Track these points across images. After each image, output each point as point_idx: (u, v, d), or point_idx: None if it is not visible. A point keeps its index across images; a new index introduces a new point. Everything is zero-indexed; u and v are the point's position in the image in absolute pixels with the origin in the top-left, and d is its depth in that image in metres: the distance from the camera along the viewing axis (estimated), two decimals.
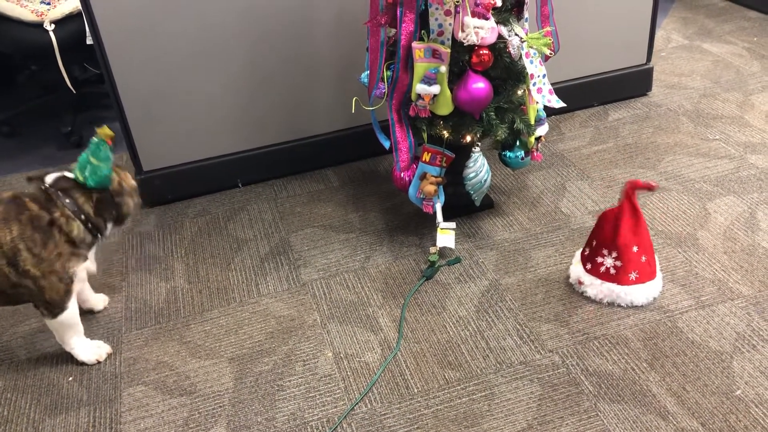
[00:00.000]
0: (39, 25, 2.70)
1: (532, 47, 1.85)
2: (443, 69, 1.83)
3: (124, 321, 1.98)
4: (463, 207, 2.22)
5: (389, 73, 1.94)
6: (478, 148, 2.13)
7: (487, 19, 1.76)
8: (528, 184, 2.38)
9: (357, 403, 1.66)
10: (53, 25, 2.70)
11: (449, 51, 1.81)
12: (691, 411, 1.56)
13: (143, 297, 2.07)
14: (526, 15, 1.89)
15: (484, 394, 1.65)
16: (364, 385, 1.71)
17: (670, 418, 1.55)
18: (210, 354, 1.84)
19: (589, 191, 2.32)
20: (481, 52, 1.81)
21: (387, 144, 2.08)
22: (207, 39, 2.25)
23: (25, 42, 2.75)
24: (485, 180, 2.15)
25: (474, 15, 1.75)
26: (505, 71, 1.91)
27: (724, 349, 1.70)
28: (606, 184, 2.34)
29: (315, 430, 1.62)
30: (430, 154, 2.01)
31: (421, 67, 1.84)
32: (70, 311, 1.76)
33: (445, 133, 1.97)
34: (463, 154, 2.08)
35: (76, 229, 1.70)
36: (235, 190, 2.52)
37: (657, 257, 1.93)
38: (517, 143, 2.08)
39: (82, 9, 2.14)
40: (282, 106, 2.44)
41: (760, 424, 1.52)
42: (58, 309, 1.74)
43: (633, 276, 1.83)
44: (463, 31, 1.76)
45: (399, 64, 1.87)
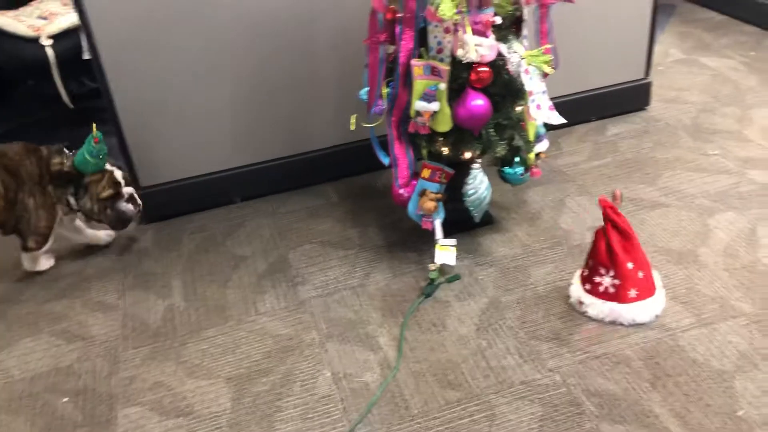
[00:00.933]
0: (36, 40, 2.69)
1: (531, 64, 1.84)
2: (442, 86, 1.82)
3: (121, 340, 1.96)
4: (463, 223, 2.21)
5: (388, 90, 1.94)
6: (477, 165, 2.13)
7: (486, 36, 1.75)
8: (527, 200, 2.38)
9: (356, 425, 1.64)
10: (50, 40, 2.70)
11: (448, 68, 1.80)
12: None
13: (140, 315, 2.05)
14: (525, 32, 1.89)
15: (484, 414, 1.64)
16: (363, 405, 1.69)
17: None
18: (207, 374, 1.82)
19: (589, 207, 2.31)
20: (480, 70, 1.80)
21: (386, 161, 2.08)
22: (205, 54, 2.24)
23: (22, 57, 2.74)
24: (485, 196, 2.14)
25: (474, 32, 1.74)
26: (505, 88, 1.90)
27: (726, 368, 1.69)
28: None
29: None
30: (429, 170, 2.00)
31: (420, 84, 1.84)
32: (48, 244, 2.18)
33: (445, 150, 1.96)
34: (462, 170, 2.08)
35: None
36: (233, 205, 2.50)
37: (657, 273, 1.92)
38: (517, 159, 2.07)
39: (79, 23, 2.13)
40: (281, 122, 2.44)
41: None
42: (44, 238, 2.15)
43: (633, 293, 1.81)
44: (462, 48, 1.76)
45: (398, 81, 1.87)
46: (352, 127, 2.15)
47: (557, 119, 1.98)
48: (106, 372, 1.86)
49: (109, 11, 2.09)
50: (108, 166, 2.15)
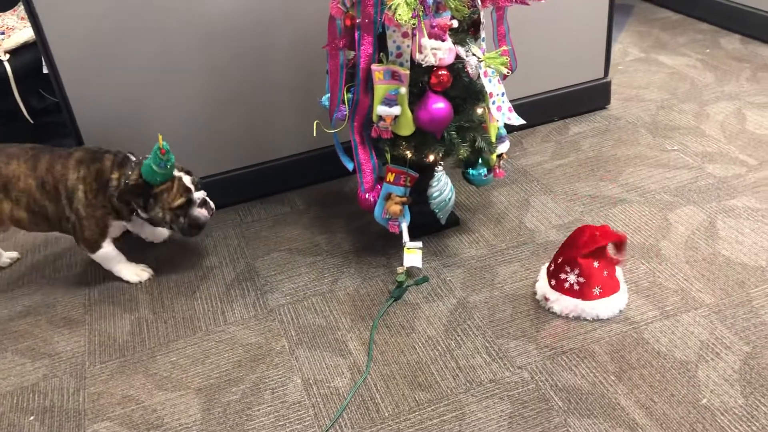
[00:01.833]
0: None
1: (489, 66, 1.87)
2: (403, 90, 1.84)
3: (88, 355, 1.94)
4: (429, 226, 2.23)
5: (350, 95, 1.95)
6: (441, 167, 2.14)
7: (443, 40, 1.77)
8: (492, 201, 2.40)
9: (327, 430, 1.64)
10: (8, 55, 2.66)
11: (408, 72, 1.82)
12: (660, 422, 1.57)
13: (107, 329, 2.03)
14: (483, 35, 1.91)
15: (454, 414, 1.65)
16: (335, 410, 1.69)
17: (639, 430, 1.56)
18: (177, 386, 1.81)
19: (553, 205, 2.35)
20: (439, 73, 1.82)
21: (350, 166, 2.08)
22: (165, 65, 2.23)
23: None
24: (449, 198, 2.16)
25: (431, 36, 1.76)
26: (465, 91, 1.92)
27: (689, 358, 1.73)
28: (569, 198, 2.37)
29: None
30: (394, 174, 2.01)
31: (381, 88, 1.85)
32: (105, 250, 2.13)
33: (408, 154, 1.98)
34: (426, 173, 2.09)
35: (116, 194, 2.03)
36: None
37: (620, 269, 1.95)
38: (480, 161, 2.10)
39: (36, 38, 2.11)
40: (244, 131, 2.43)
41: None
42: (94, 247, 2.11)
43: (597, 291, 1.84)
44: (420, 52, 1.77)
45: (359, 86, 1.88)
46: (315, 133, 2.16)
47: (517, 120, 2.00)
48: (73, 388, 1.84)
49: (65, 25, 2.07)
50: (175, 172, 2.04)
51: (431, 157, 1.99)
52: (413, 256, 2.05)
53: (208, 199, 2.13)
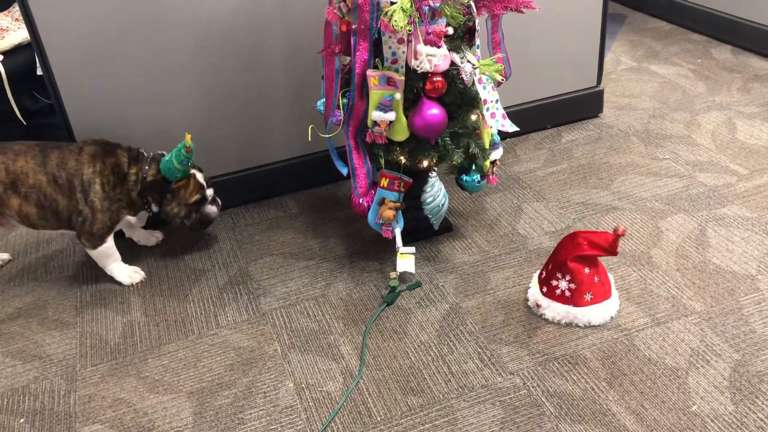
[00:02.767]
0: None
1: (484, 73, 1.88)
2: (398, 96, 1.84)
3: (79, 357, 1.93)
4: (423, 231, 2.24)
5: (345, 100, 1.95)
6: (435, 173, 2.16)
7: (439, 47, 1.78)
8: (485, 207, 2.41)
9: None
10: (1, 57, 2.65)
11: (403, 78, 1.82)
12: (650, 428, 1.58)
13: (99, 332, 2.02)
14: (478, 42, 1.93)
15: (446, 419, 1.65)
16: (327, 415, 1.69)
17: None
18: (168, 389, 1.80)
19: (545, 212, 2.36)
20: (434, 79, 1.83)
21: (345, 171, 2.09)
22: (160, 68, 2.24)
23: None
24: (443, 204, 2.17)
25: (426, 43, 1.77)
26: (459, 97, 1.93)
27: (679, 365, 1.74)
28: (561, 205, 2.39)
29: None
30: (387, 179, 2.02)
31: (376, 94, 1.86)
32: (107, 245, 2.12)
33: (402, 159, 1.99)
34: (420, 179, 2.10)
35: (135, 189, 2.08)
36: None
37: (611, 276, 1.97)
38: (473, 167, 2.11)
39: (30, 39, 2.11)
40: (239, 134, 2.44)
41: None
42: (99, 241, 2.09)
43: (588, 297, 1.86)
44: (416, 58, 1.78)
45: (354, 91, 1.89)
46: (310, 137, 2.16)
47: (511, 127, 2.02)
48: (64, 391, 1.83)
49: (60, 27, 2.07)
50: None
51: (425, 163, 2.00)
52: (406, 261, 2.05)
53: (216, 196, 2.24)
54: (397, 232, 2.08)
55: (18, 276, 2.28)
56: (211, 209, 2.20)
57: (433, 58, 1.78)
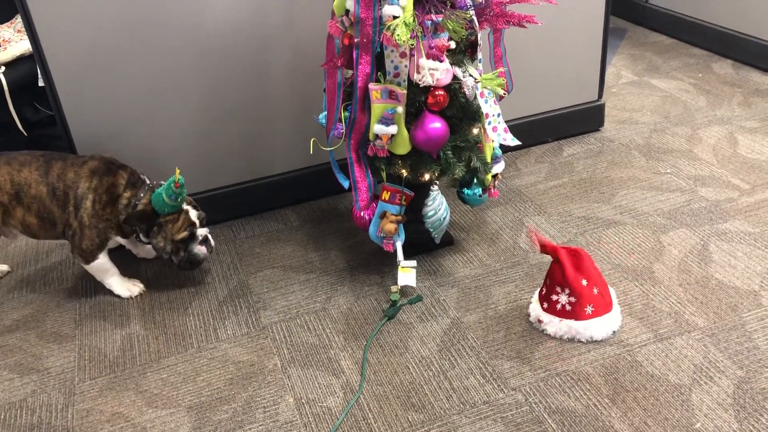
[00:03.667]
0: None
1: (486, 87, 1.88)
2: (400, 109, 1.84)
3: (77, 371, 1.92)
4: (424, 244, 2.23)
5: (347, 113, 1.95)
6: (436, 187, 2.15)
7: (441, 61, 1.78)
8: (487, 221, 2.40)
9: None
10: (3, 68, 2.65)
11: (405, 92, 1.82)
12: None
13: (97, 345, 2.00)
14: (480, 56, 1.93)
15: None
16: (327, 430, 1.68)
17: None
18: (167, 403, 1.79)
19: (547, 226, 2.35)
20: (436, 93, 1.83)
21: (346, 184, 2.08)
22: (161, 79, 2.23)
23: None
24: (444, 217, 2.16)
25: (429, 57, 1.77)
26: (461, 111, 1.93)
27: (682, 382, 1.72)
28: (562, 219, 2.38)
29: None
30: (389, 192, 2.01)
31: (378, 107, 1.86)
32: (100, 261, 2.12)
33: (404, 172, 1.98)
34: (422, 192, 2.10)
35: (123, 213, 2.05)
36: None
37: (612, 290, 1.96)
38: (475, 181, 2.10)
39: (33, 51, 2.11)
40: (240, 147, 2.43)
41: None
42: (90, 258, 2.09)
43: (589, 310, 1.84)
44: (418, 72, 1.78)
45: (356, 105, 1.88)
46: (311, 150, 2.16)
47: (512, 141, 2.01)
48: (61, 405, 1.81)
49: (63, 39, 2.08)
50: (184, 205, 2.06)
51: (427, 177, 1.99)
52: (407, 275, 2.04)
53: (210, 237, 2.15)
54: (399, 245, 2.07)
55: (16, 288, 2.27)
56: (200, 249, 2.10)
57: (436, 72, 1.78)
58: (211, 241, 2.16)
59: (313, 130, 2.31)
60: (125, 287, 2.17)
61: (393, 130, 1.86)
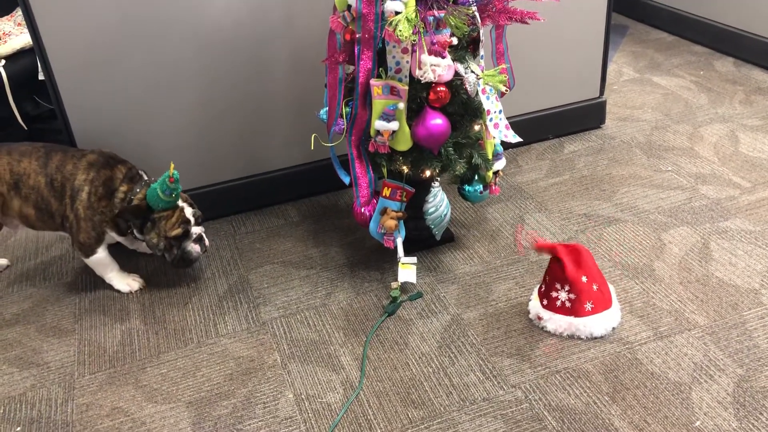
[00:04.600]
0: None
1: (488, 84, 1.87)
2: (401, 105, 1.84)
3: (77, 365, 1.92)
4: (424, 241, 2.23)
5: (348, 109, 1.95)
6: (437, 183, 2.15)
7: (443, 57, 1.78)
8: (487, 217, 2.40)
9: None
10: (3, 61, 2.65)
11: (407, 88, 1.82)
12: None
13: (97, 340, 2.00)
14: (482, 52, 1.92)
15: None
16: (326, 427, 1.68)
17: None
18: (167, 398, 1.79)
19: (547, 223, 2.35)
20: (438, 89, 1.83)
21: (347, 180, 2.08)
22: (162, 74, 2.23)
23: None
24: (445, 214, 2.16)
25: (431, 53, 1.77)
26: (462, 107, 1.93)
27: (682, 380, 1.72)
28: (563, 216, 2.38)
29: None
30: (390, 189, 2.01)
31: (379, 103, 1.85)
32: (99, 255, 2.11)
33: (405, 169, 1.98)
34: (423, 188, 2.09)
35: (118, 207, 2.03)
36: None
37: (612, 287, 1.95)
38: (476, 177, 2.10)
39: (33, 44, 2.10)
40: (240, 141, 2.43)
41: None
42: (89, 251, 2.09)
43: (589, 306, 1.84)
44: (420, 68, 1.78)
45: (357, 100, 1.88)
46: (312, 146, 2.16)
47: (514, 138, 2.01)
48: (61, 399, 1.81)
49: (63, 32, 2.07)
50: (179, 202, 2.04)
51: (428, 173, 1.99)
52: (408, 271, 2.04)
53: (205, 236, 2.12)
54: (399, 241, 2.07)
55: (16, 282, 2.27)
56: (193, 248, 2.07)
57: (437, 68, 1.77)
58: (206, 240, 2.12)
59: (313, 125, 2.31)
60: (125, 282, 2.17)
61: (394, 126, 1.86)
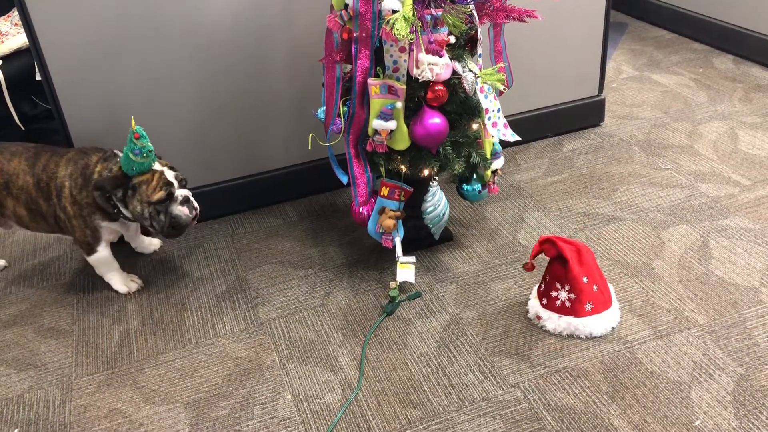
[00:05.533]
0: None
1: (486, 82, 1.86)
2: (399, 105, 1.83)
3: (75, 366, 1.91)
4: (423, 240, 2.22)
5: (345, 108, 1.94)
6: (435, 182, 2.14)
7: (441, 55, 1.77)
8: (486, 216, 2.39)
9: None
10: (0, 61, 2.64)
11: (405, 87, 1.81)
12: None
13: (95, 340, 2.00)
14: (480, 51, 1.91)
15: None
16: (325, 427, 1.67)
17: None
18: (165, 399, 1.78)
19: (547, 222, 2.34)
20: (436, 88, 1.82)
21: (345, 179, 2.07)
22: (159, 74, 2.22)
23: None
24: (444, 213, 2.15)
25: (428, 52, 1.76)
26: (461, 106, 1.92)
27: (682, 379, 1.72)
28: (562, 215, 2.37)
29: None
30: (388, 188, 2.00)
31: (377, 102, 1.84)
32: (101, 254, 2.09)
33: (403, 168, 1.97)
34: (421, 188, 2.09)
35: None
36: (190, 226, 2.46)
37: (612, 287, 1.95)
38: (474, 176, 2.09)
39: (29, 44, 2.09)
40: (238, 142, 2.42)
41: None
42: (89, 249, 2.07)
43: (588, 307, 1.84)
44: (417, 67, 1.77)
45: (355, 100, 1.87)
46: (310, 146, 2.15)
47: (512, 136, 2.00)
48: (59, 400, 1.81)
49: (60, 32, 2.06)
50: (158, 166, 1.95)
51: (426, 172, 1.98)
52: (406, 270, 2.04)
53: (191, 197, 2.01)
54: (397, 241, 2.06)
55: (14, 283, 2.26)
56: (181, 210, 1.96)
57: (435, 67, 1.77)
58: (194, 203, 2.01)
59: (311, 125, 2.30)
60: (123, 282, 2.17)
61: (392, 125, 1.85)
